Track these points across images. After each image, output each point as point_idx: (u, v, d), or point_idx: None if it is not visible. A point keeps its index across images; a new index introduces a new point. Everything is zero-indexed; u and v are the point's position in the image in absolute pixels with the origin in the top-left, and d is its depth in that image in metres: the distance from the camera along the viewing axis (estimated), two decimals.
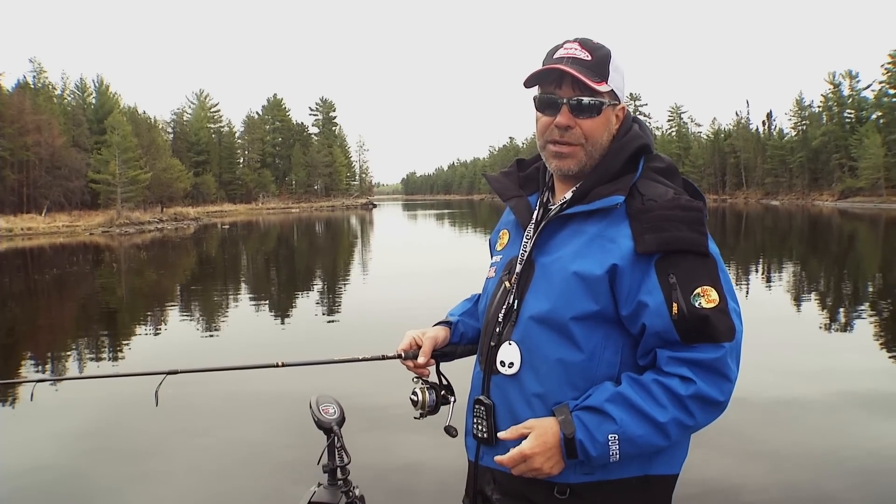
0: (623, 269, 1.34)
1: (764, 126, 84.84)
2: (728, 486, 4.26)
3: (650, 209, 1.34)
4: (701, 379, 1.31)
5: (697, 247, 1.33)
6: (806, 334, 9.03)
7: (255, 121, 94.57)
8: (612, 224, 1.38)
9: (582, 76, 1.38)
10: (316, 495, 1.82)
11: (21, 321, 12.23)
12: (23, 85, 58.19)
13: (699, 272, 1.33)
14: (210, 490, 4.49)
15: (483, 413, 1.47)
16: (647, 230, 1.33)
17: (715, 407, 1.34)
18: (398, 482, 4.39)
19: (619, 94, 1.45)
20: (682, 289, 1.31)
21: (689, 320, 1.31)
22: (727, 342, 1.32)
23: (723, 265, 1.39)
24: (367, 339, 8.42)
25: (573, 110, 1.41)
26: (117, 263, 23.42)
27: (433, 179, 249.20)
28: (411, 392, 1.64)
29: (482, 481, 1.52)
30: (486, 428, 1.46)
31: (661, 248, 1.32)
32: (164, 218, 52.36)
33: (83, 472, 4.84)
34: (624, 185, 1.39)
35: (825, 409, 5.76)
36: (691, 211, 1.34)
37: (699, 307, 1.31)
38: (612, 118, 1.45)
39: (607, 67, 1.42)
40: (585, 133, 1.41)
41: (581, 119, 1.41)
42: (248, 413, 5.93)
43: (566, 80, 1.40)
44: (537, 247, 1.46)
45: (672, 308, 1.31)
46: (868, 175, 59.66)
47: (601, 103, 1.41)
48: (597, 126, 1.42)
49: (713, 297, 1.32)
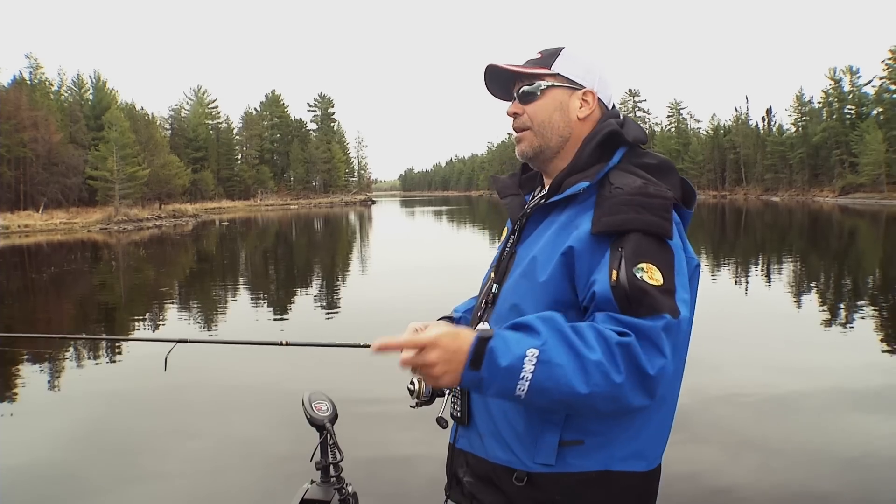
0: (579, 253, 1.33)
1: (763, 122, 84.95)
2: (719, 482, 4.26)
3: (615, 196, 1.35)
4: (635, 339, 1.21)
5: (655, 228, 1.30)
6: (802, 330, 9.01)
7: (253, 117, 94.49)
8: (581, 213, 1.40)
9: (520, 67, 1.50)
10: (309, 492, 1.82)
11: (19, 320, 12.20)
12: (19, 81, 58.08)
13: (650, 250, 1.29)
14: (202, 487, 4.48)
15: (458, 392, 1.52)
16: (605, 213, 1.33)
17: (642, 378, 1.19)
18: (391, 479, 4.38)
19: (574, 78, 1.51)
20: (626, 259, 1.28)
21: (629, 290, 1.25)
22: (669, 315, 1.23)
23: (683, 263, 1.35)
24: (366, 334, 8.40)
25: (520, 99, 1.53)
26: (116, 261, 23.38)
27: (431, 176, 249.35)
28: (409, 381, 1.66)
29: (456, 464, 1.54)
30: (461, 407, 1.51)
31: (615, 227, 1.30)
32: (163, 215, 52.32)
33: (75, 470, 4.81)
34: (592, 173, 1.42)
35: (818, 406, 5.74)
36: (656, 198, 1.33)
37: (641, 279, 1.26)
38: (564, 100, 1.50)
39: (553, 59, 1.51)
40: (530, 116, 1.51)
41: (525, 105, 1.51)
42: (241, 410, 5.92)
43: (516, 79, 1.53)
44: (520, 239, 1.53)
45: (612, 275, 1.27)
46: (869, 171, 59.62)
47: (539, 86, 1.50)
48: (540, 108, 1.50)
49: (657, 277, 1.27)
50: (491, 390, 1.20)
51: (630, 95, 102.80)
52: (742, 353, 7.53)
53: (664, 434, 1.44)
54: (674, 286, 1.28)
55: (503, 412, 1.41)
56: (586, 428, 1.35)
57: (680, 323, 1.25)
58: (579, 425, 1.35)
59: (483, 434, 1.45)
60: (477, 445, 1.47)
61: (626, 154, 1.46)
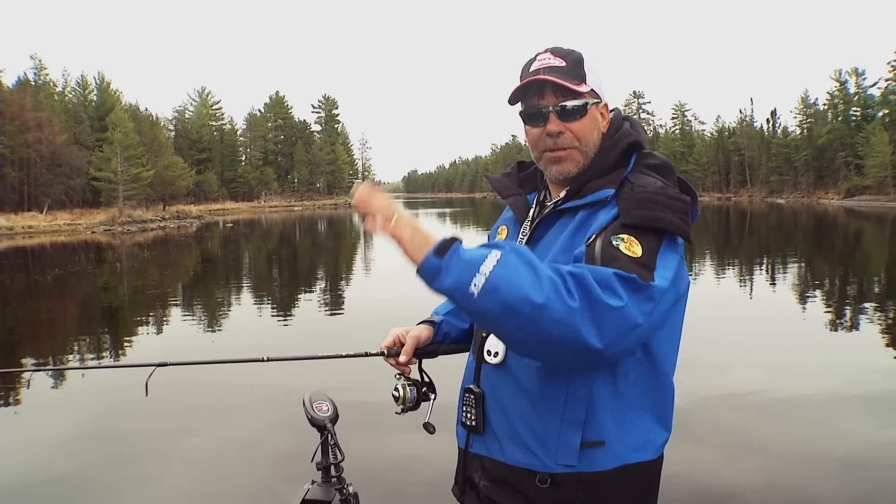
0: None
1: (768, 124, 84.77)
2: (720, 483, 4.25)
3: (639, 193, 1.37)
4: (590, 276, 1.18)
5: (678, 229, 1.33)
6: (805, 332, 8.96)
7: (257, 118, 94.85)
8: (596, 213, 1.41)
9: (562, 81, 1.44)
10: (310, 493, 1.81)
11: (23, 322, 12.22)
12: (23, 82, 58.40)
13: (643, 234, 1.31)
14: (203, 487, 4.46)
15: (472, 401, 1.51)
16: (635, 206, 1.34)
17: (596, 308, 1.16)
18: (392, 479, 4.36)
19: (598, 92, 1.51)
20: (606, 231, 1.32)
21: (600, 252, 1.28)
22: (637, 276, 1.21)
23: (672, 256, 1.33)
24: (366, 335, 8.39)
25: (560, 116, 1.47)
26: (120, 263, 23.42)
27: (435, 177, 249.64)
28: (393, 388, 1.69)
29: (471, 468, 1.56)
30: (475, 416, 1.50)
31: (647, 222, 1.32)
32: (167, 216, 52.47)
33: (74, 471, 4.80)
34: (614, 179, 1.44)
35: (819, 408, 5.72)
36: (678, 201, 1.37)
37: (616, 247, 1.28)
38: (598, 116, 1.51)
39: (582, 69, 1.48)
40: (577, 135, 1.47)
41: (569, 123, 1.47)
42: (242, 410, 5.91)
43: (547, 89, 1.47)
44: (531, 241, 1.51)
45: (589, 239, 1.32)
46: (875, 173, 59.43)
47: (585, 104, 1.47)
48: (586, 126, 1.48)
49: (635, 249, 1.27)
50: (447, 280, 1.17)
51: (634, 97, 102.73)
52: (745, 355, 7.49)
53: (669, 419, 1.47)
54: (653, 263, 1.27)
55: (521, 415, 1.42)
56: (604, 425, 1.38)
57: (651, 287, 1.23)
58: (598, 423, 1.38)
59: (500, 437, 1.46)
60: (494, 449, 1.48)
61: (637, 157, 1.50)
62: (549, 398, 1.38)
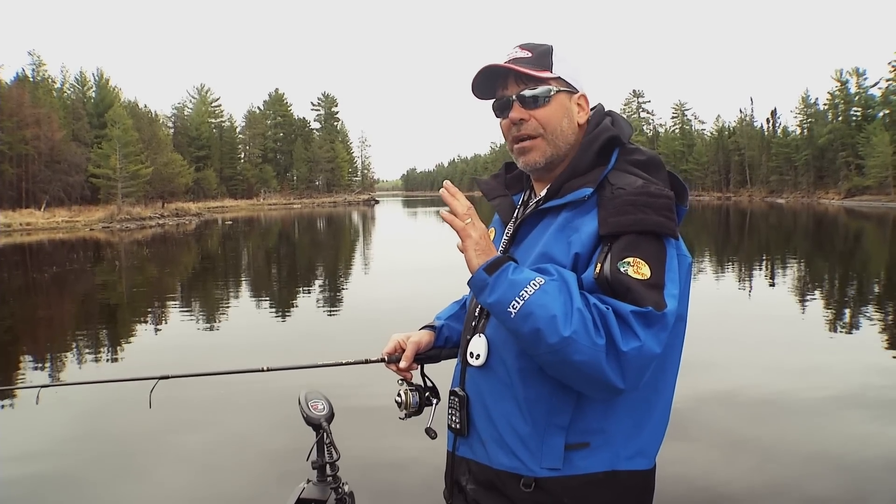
0: (583, 256, 1.34)
1: (768, 123, 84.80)
2: (713, 483, 4.24)
3: (618, 196, 1.34)
4: (612, 313, 1.24)
5: (661, 228, 1.31)
6: (803, 332, 8.96)
7: (256, 116, 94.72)
8: (580, 214, 1.40)
9: (521, 68, 1.42)
10: (305, 492, 1.80)
11: (20, 321, 12.20)
12: (22, 78, 58.16)
13: (640, 246, 1.29)
14: (198, 487, 4.45)
15: (457, 404, 1.51)
16: (612, 214, 1.33)
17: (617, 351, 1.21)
18: (387, 478, 4.35)
19: (571, 81, 1.47)
20: (612, 255, 1.30)
21: (612, 283, 1.27)
22: (653, 308, 1.24)
23: (674, 260, 1.33)
24: (366, 337, 8.36)
25: (523, 103, 1.44)
26: (118, 260, 23.37)
27: (433, 176, 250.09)
28: (396, 394, 1.68)
29: (458, 471, 1.55)
30: (460, 419, 1.49)
31: (624, 228, 1.30)
32: (166, 213, 52.40)
33: (72, 471, 4.78)
34: (594, 178, 1.41)
35: (815, 407, 5.72)
36: (660, 198, 1.33)
37: (624, 273, 1.27)
38: (568, 105, 1.47)
39: (549, 58, 1.45)
40: (541, 122, 1.44)
41: (533, 110, 1.44)
42: (237, 408, 5.89)
43: (510, 79, 1.45)
44: (514, 242, 1.51)
45: (596, 268, 1.30)
46: (875, 173, 59.42)
47: (548, 90, 1.44)
48: (551, 113, 1.44)
49: (644, 271, 1.27)
50: (491, 297, 1.28)
51: (634, 96, 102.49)
52: (742, 354, 7.51)
53: (662, 431, 1.46)
54: (662, 281, 1.28)
55: (505, 418, 1.41)
56: (590, 429, 1.36)
57: (665, 315, 1.25)
58: (584, 427, 1.36)
59: (485, 441, 1.45)
60: (479, 453, 1.47)
61: (620, 153, 1.46)
62: (533, 401, 1.37)
